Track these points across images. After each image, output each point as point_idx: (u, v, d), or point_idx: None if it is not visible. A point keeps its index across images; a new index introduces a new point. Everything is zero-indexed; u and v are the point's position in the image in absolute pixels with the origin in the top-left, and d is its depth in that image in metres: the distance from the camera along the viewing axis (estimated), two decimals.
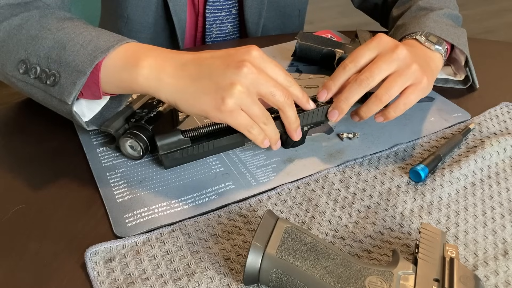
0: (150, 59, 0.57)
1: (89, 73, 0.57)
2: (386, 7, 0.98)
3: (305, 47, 0.86)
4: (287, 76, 0.59)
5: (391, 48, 0.63)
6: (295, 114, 0.60)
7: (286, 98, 0.58)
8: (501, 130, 0.73)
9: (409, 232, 0.56)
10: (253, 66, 0.55)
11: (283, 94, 0.57)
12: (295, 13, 1.08)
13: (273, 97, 0.57)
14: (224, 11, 1.00)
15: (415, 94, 0.63)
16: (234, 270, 0.51)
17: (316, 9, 2.99)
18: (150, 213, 0.57)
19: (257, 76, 0.55)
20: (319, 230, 0.56)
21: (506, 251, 0.54)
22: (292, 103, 0.59)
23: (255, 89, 0.55)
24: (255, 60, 0.56)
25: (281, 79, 0.58)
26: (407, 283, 0.45)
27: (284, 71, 0.59)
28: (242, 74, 0.54)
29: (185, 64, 0.56)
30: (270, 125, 0.59)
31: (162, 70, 0.56)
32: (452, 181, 0.63)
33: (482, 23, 2.94)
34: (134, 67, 0.57)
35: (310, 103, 0.62)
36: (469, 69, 0.80)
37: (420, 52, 0.70)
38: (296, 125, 0.61)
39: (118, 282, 0.49)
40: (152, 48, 0.59)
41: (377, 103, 0.62)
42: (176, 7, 0.93)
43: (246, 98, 0.55)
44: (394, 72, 0.62)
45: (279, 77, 0.58)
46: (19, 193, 0.61)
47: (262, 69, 0.56)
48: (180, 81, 0.56)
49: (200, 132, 0.62)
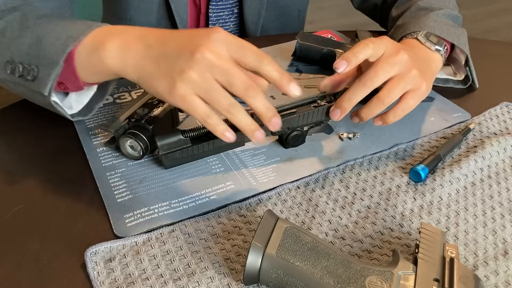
0: (116, 40, 0.56)
1: (62, 63, 0.58)
2: (386, 7, 0.98)
3: (305, 47, 0.86)
4: (259, 56, 0.53)
5: (395, 51, 0.63)
6: (263, 103, 0.54)
7: (247, 87, 0.52)
8: (501, 130, 0.73)
9: (409, 232, 0.56)
10: (210, 51, 0.51)
11: (243, 82, 0.52)
12: (295, 13, 1.08)
13: (231, 87, 0.52)
14: (227, 10, 1.00)
15: (414, 100, 0.63)
16: (234, 270, 0.51)
17: (316, 9, 2.99)
18: (150, 213, 0.57)
19: (211, 62, 0.51)
20: (319, 230, 0.56)
21: (506, 251, 0.54)
22: (257, 92, 0.53)
23: (213, 75, 0.51)
24: (214, 44, 0.51)
25: (250, 60, 0.53)
26: (407, 283, 0.45)
27: (255, 50, 0.53)
28: (195, 60, 0.51)
29: (149, 45, 0.55)
30: (238, 113, 0.53)
31: (127, 51, 0.55)
32: (452, 181, 0.63)
33: (482, 23, 2.94)
34: (102, 50, 0.56)
35: (292, 86, 0.55)
36: (469, 68, 0.80)
37: (421, 52, 0.70)
38: (268, 115, 0.55)
39: (118, 282, 0.49)
40: (121, 29, 0.58)
41: (378, 105, 0.62)
42: (178, 7, 0.94)
43: (201, 84, 0.51)
44: (395, 76, 0.62)
45: (248, 58, 0.53)
46: (19, 193, 0.61)
47: (221, 54, 0.52)
48: (142, 62, 0.54)
49: (200, 132, 0.62)
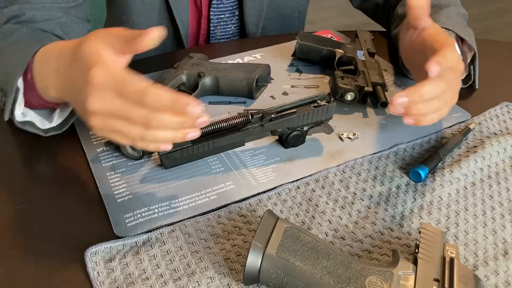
0: (37, 72, 0.59)
1: (15, 89, 0.60)
2: (389, 6, 0.98)
3: (305, 47, 0.86)
4: (139, 96, 0.48)
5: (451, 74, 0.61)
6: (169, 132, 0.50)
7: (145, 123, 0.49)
8: (501, 130, 0.73)
9: (409, 232, 0.56)
10: (98, 101, 0.49)
11: (139, 120, 0.49)
12: (295, 14, 1.08)
13: (131, 123, 0.49)
14: (228, 12, 1.00)
15: (448, 109, 0.62)
16: (234, 270, 0.51)
17: (316, 9, 2.98)
18: (150, 213, 0.57)
19: (104, 111, 0.49)
20: (319, 230, 0.56)
21: (506, 251, 0.54)
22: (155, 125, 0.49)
23: (113, 119, 0.50)
24: (97, 94, 0.49)
25: (132, 100, 0.49)
26: (407, 283, 0.45)
27: (135, 89, 0.48)
28: (90, 113, 0.50)
29: (60, 71, 0.56)
30: (160, 120, 0.49)
31: (46, 77, 0.58)
32: (452, 181, 0.63)
33: (482, 23, 2.94)
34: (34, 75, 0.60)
35: (191, 107, 0.48)
36: (473, 67, 0.80)
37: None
38: (180, 136, 0.51)
39: (118, 282, 0.49)
40: (43, 55, 0.60)
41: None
42: (179, 9, 0.94)
43: (106, 127, 0.50)
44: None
45: (130, 99, 0.49)
46: (19, 193, 0.61)
47: (107, 99, 0.49)
48: (58, 89, 0.57)
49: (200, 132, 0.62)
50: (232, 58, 0.89)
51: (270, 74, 0.83)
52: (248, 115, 0.63)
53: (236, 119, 0.63)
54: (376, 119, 0.74)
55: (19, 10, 0.72)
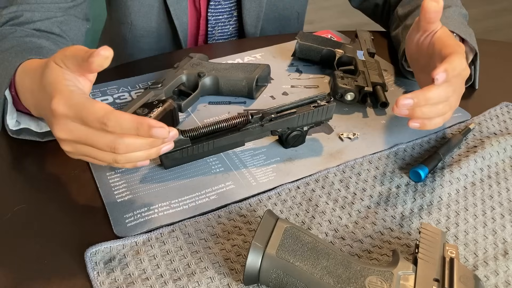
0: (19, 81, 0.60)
1: (2, 100, 0.62)
2: (388, 7, 0.98)
3: (305, 47, 0.86)
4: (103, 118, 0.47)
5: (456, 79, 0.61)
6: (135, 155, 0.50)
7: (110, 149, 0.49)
8: (501, 130, 0.73)
9: (409, 232, 0.56)
10: (61, 131, 0.49)
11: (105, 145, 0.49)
12: (294, 15, 1.08)
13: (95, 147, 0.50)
14: (226, 13, 1.00)
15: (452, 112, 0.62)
16: (234, 270, 0.51)
17: (316, 9, 2.99)
18: (150, 213, 0.57)
19: (70, 138, 0.50)
20: (319, 230, 0.56)
21: (506, 251, 0.54)
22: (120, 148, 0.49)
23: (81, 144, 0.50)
24: (59, 123, 0.49)
25: (95, 125, 0.48)
26: (407, 283, 0.45)
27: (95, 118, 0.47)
28: (59, 138, 0.50)
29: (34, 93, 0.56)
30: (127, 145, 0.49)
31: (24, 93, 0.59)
32: (452, 181, 0.63)
33: (482, 23, 2.94)
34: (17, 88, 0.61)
35: (156, 129, 0.47)
36: (474, 67, 0.80)
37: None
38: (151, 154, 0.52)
39: (118, 282, 0.49)
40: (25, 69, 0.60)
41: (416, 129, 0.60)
42: (177, 11, 0.94)
43: (76, 152, 0.51)
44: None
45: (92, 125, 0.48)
46: (19, 193, 0.61)
47: (71, 128, 0.49)
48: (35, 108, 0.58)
49: (200, 132, 0.62)
50: (232, 58, 0.89)
51: (270, 74, 0.83)
52: (248, 115, 0.63)
53: (236, 119, 0.63)
54: (376, 119, 0.74)
55: (17, 11, 0.72)
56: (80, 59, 0.49)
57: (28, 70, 0.60)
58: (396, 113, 0.58)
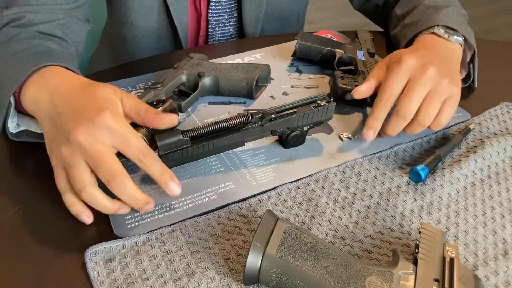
0: (32, 89, 0.59)
1: (6, 105, 0.61)
2: (387, 7, 0.98)
3: (305, 47, 0.86)
4: (141, 153, 0.52)
5: (421, 70, 0.64)
6: (129, 192, 0.52)
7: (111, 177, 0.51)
8: (501, 130, 0.73)
9: (409, 232, 0.56)
10: (84, 136, 0.51)
11: (107, 171, 0.51)
12: (294, 16, 1.08)
13: (96, 172, 0.51)
14: (227, 14, 1.00)
15: (452, 106, 0.65)
16: (234, 270, 0.51)
17: (316, 9, 2.99)
18: (150, 214, 0.57)
19: (81, 147, 0.51)
20: (319, 230, 0.56)
21: (506, 251, 0.54)
22: (120, 182, 0.51)
23: (82, 157, 0.51)
24: (92, 129, 0.51)
25: (132, 155, 0.53)
26: (407, 283, 0.45)
27: (139, 145, 0.52)
28: (69, 139, 0.51)
29: (54, 103, 0.56)
30: (91, 196, 0.52)
31: (38, 104, 0.58)
32: (452, 181, 0.63)
33: (482, 23, 2.94)
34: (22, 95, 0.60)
35: (171, 185, 0.54)
36: (473, 66, 0.80)
37: (441, 47, 0.71)
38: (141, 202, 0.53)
39: (118, 282, 0.49)
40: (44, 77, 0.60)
41: (420, 127, 0.65)
42: (177, 11, 0.94)
43: (67, 160, 0.52)
44: (429, 92, 0.64)
45: (129, 153, 0.52)
46: (19, 193, 0.61)
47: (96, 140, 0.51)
48: (44, 119, 0.57)
49: (200, 132, 0.62)
50: (232, 58, 0.89)
51: (270, 74, 0.83)
52: (248, 115, 0.63)
53: (236, 119, 0.63)
54: None
55: (19, 13, 0.71)
56: (136, 112, 0.56)
57: (53, 73, 0.60)
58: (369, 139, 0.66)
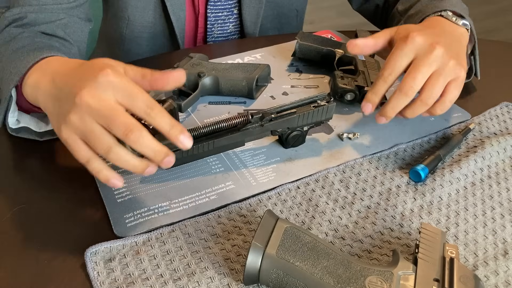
0: (34, 75, 0.59)
1: (7, 98, 0.61)
2: (387, 6, 0.97)
3: (305, 47, 0.86)
4: (148, 107, 0.50)
5: (428, 49, 0.62)
6: (148, 144, 0.50)
7: (127, 130, 0.49)
8: (501, 130, 0.73)
9: (409, 232, 0.56)
10: (90, 96, 0.49)
11: (122, 125, 0.49)
12: (293, 13, 1.08)
13: (111, 130, 0.49)
14: (226, 11, 1.00)
15: (458, 89, 0.64)
16: (234, 270, 0.51)
17: (316, 9, 2.99)
18: (150, 213, 0.57)
19: (90, 107, 0.49)
20: (319, 230, 0.56)
21: (506, 251, 0.54)
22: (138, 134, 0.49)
23: (93, 119, 0.49)
24: (97, 87, 0.49)
25: (138, 110, 0.50)
26: (407, 283, 0.45)
27: (145, 99, 0.50)
28: (76, 104, 0.49)
29: (55, 83, 0.55)
30: (118, 154, 0.50)
31: (38, 88, 0.57)
32: (452, 181, 0.63)
33: (482, 23, 2.94)
34: (24, 85, 0.60)
35: (182, 138, 0.51)
36: (474, 57, 0.79)
37: (449, 28, 0.70)
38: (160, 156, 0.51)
39: (118, 282, 0.49)
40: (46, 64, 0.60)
41: (423, 107, 0.63)
42: (174, 6, 0.94)
43: (80, 127, 0.50)
44: (435, 72, 0.62)
45: (136, 108, 0.50)
46: (19, 193, 0.61)
47: (103, 98, 0.49)
48: (46, 100, 0.56)
49: (200, 132, 0.62)
50: (232, 58, 0.89)
51: (270, 74, 0.83)
52: (248, 115, 0.63)
53: (236, 119, 0.63)
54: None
55: (21, 13, 0.72)
56: (141, 75, 0.52)
57: (55, 61, 0.60)
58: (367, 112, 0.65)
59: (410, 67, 0.63)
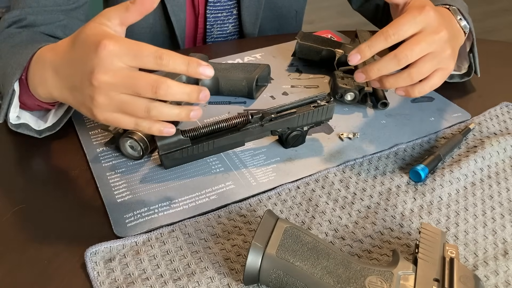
0: (37, 72, 0.59)
1: (11, 92, 0.61)
2: (387, 6, 0.97)
3: (305, 47, 0.86)
4: (155, 56, 0.49)
5: (436, 29, 0.61)
6: (179, 90, 0.50)
7: (154, 88, 0.49)
8: (501, 130, 0.73)
9: (409, 232, 0.56)
10: (103, 73, 0.49)
11: (147, 85, 0.49)
12: (292, 14, 1.08)
13: (139, 95, 0.50)
14: (225, 11, 1.00)
15: (441, 79, 0.63)
16: (234, 270, 0.51)
17: (316, 9, 2.99)
18: (150, 213, 0.57)
19: (109, 83, 0.49)
20: (319, 230, 0.56)
21: (506, 251, 0.54)
22: (165, 86, 0.49)
23: (118, 91, 0.50)
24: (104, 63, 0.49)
25: (149, 64, 0.50)
26: (407, 283, 0.45)
27: (150, 51, 0.49)
28: (95, 87, 0.50)
29: (60, 75, 0.55)
30: (159, 111, 0.51)
31: (46, 84, 0.57)
32: (452, 181, 0.63)
33: (482, 23, 2.94)
34: (30, 81, 0.61)
35: (202, 68, 0.50)
36: (473, 54, 0.79)
37: (453, 23, 0.70)
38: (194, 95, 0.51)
39: (118, 282, 0.49)
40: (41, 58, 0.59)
41: (407, 80, 0.61)
42: (174, 7, 0.94)
43: (112, 103, 0.50)
44: (431, 53, 0.61)
45: (146, 63, 0.50)
46: (19, 193, 0.61)
47: (115, 69, 0.49)
48: (62, 93, 0.56)
49: (200, 132, 0.62)
50: (232, 58, 0.89)
51: (270, 74, 0.83)
52: (248, 115, 0.63)
53: (236, 119, 0.63)
54: (376, 119, 0.74)
55: (21, 15, 0.72)
56: (124, 8, 0.52)
57: (46, 49, 0.59)
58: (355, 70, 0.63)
59: (413, 37, 0.61)
